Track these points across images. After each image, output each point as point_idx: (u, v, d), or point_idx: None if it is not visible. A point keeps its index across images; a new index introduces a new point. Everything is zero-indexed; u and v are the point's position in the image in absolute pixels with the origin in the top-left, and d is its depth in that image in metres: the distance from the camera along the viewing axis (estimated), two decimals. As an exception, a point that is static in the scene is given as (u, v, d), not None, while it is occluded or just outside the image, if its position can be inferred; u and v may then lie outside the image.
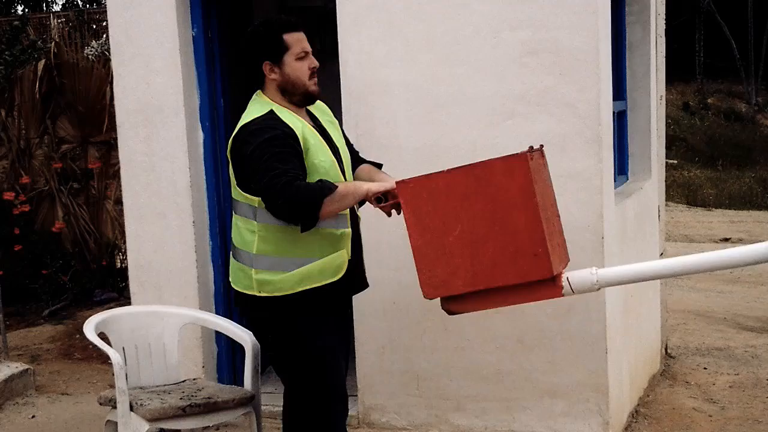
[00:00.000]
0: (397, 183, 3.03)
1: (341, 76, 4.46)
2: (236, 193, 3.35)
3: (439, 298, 3.03)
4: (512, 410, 4.35)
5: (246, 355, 3.94)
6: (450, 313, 3.04)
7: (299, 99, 3.39)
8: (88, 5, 21.83)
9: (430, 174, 2.98)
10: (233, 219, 3.41)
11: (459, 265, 2.91)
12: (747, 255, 2.73)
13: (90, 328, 3.91)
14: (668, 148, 9.94)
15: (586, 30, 4.07)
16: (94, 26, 11.88)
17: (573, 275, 2.91)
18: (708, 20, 28.19)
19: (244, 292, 3.36)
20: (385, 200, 3.22)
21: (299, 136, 3.25)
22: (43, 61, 7.65)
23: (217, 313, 4.80)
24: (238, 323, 4.22)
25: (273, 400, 4.71)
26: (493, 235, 2.86)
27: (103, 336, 3.95)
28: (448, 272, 2.93)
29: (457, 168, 2.94)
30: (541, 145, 2.90)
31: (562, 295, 2.92)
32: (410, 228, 2.97)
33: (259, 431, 3.89)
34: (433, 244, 2.93)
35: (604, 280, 2.92)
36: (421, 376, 4.48)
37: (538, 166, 2.91)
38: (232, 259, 3.43)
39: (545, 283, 2.89)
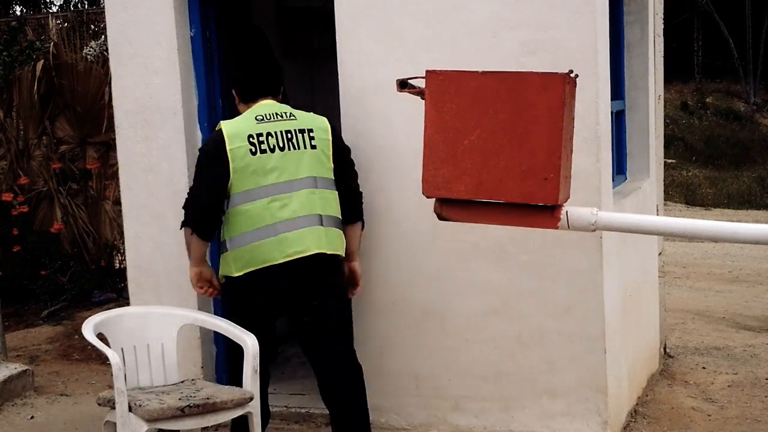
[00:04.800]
0: (426, 71, 2.99)
1: (339, 77, 4.46)
2: (329, 170, 4.10)
3: (434, 201, 2.99)
4: (511, 410, 4.35)
5: (245, 355, 3.94)
6: (440, 217, 3.00)
7: None
8: (86, 5, 21.82)
9: (463, 71, 2.94)
10: (320, 194, 4.05)
11: (466, 171, 2.86)
12: (748, 233, 2.72)
13: (89, 329, 3.91)
14: (667, 147, 9.96)
15: (584, 30, 4.07)
16: (93, 27, 11.87)
17: (573, 210, 2.88)
18: (706, 20, 28.20)
19: (342, 254, 4.13)
20: (411, 87, 3.18)
21: None
22: (41, 61, 7.64)
23: (215, 313, 4.79)
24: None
25: (271, 401, 4.71)
26: (509, 149, 2.82)
27: (101, 337, 3.96)
28: (453, 175, 2.88)
29: (491, 72, 2.89)
30: (577, 75, 2.88)
31: (557, 227, 2.89)
32: (428, 121, 2.91)
33: (258, 432, 3.90)
34: (446, 142, 2.88)
35: (602, 223, 2.89)
36: (420, 376, 4.48)
37: (571, 94, 2.87)
38: (335, 230, 4.08)
39: (545, 211, 2.86)
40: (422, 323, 4.44)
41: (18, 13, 23.01)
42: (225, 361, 4.58)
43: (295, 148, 4.02)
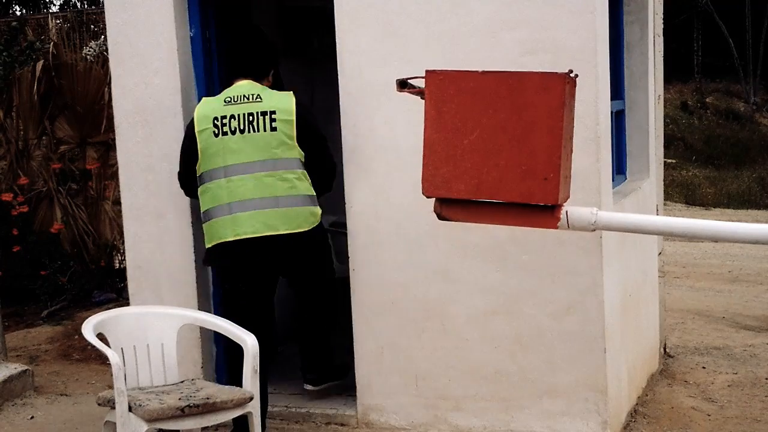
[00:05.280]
0: (426, 71, 2.99)
1: (339, 77, 4.46)
2: (291, 150, 4.28)
3: (434, 201, 2.99)
4: (511, 410, 4.35)
5: (245, 355, 3.94)
6: (440, 217, 3.00)
7: None
8: (86, 5, 21.82)
9: (462, 71, 2.94)
10: (279, 176, 4.27)
11: (466, 171, 2.86)
12: (748, 233, 2.72)
13: (88, 329, 3.91)
14: (666, 147, 9.95)
15: (584, 30, 4.07)
16: (93, 27, 11.87)
17: (572, 210, 2.88)
18: (706, 20, 28.20)
19: (309, 228, 4.33)
20: (411, 87, 3.18)
21: None
22: (41, 61, 7.63)
23: (215, 313, 4.80)
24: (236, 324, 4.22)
25: (271, 401, 4.71)
26: (509, 149, 2.82)
27: (101, 337, 3.96)
28: (453, 174, 2.89)
29: (491, 71, 2.89)
30: (576, 75, 2.89)
31: (557, 227, 2.89)
32: (428, 120, 2.91)
33: (258, 432, 3.90)
34: (446, 142, 2.89)
35: (602, 222, 2.89)
36: (420, 376, 4.48)
37: (571, 94, 2.87)
38: (295, 209, 4.29)
39: (545, 211, 2.86)
40: (422, 323, 4.44)
41: (18, 13, 23.00)
42: (225, 360, 4.59)
43: (255, 131, 4.28)
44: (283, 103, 4.31)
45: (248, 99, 4.32)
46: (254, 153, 4.28)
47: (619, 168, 5.23)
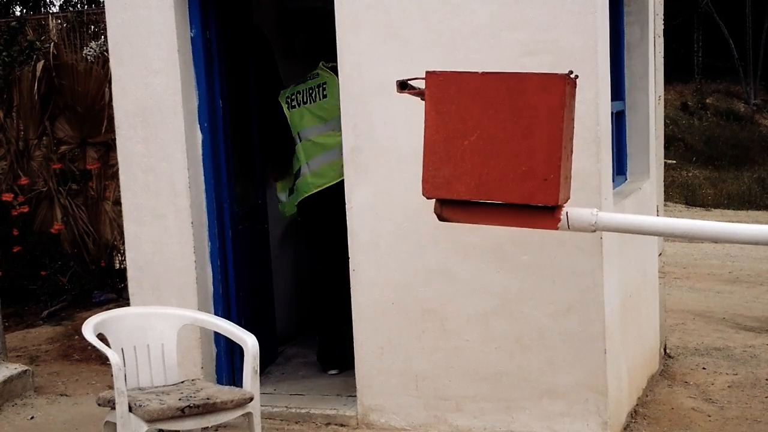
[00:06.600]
0: (426, 73, 2.98)
1: (339, 77, 4.47)
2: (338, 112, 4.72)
3: (435, 203, 2.99)
4: (511, 411, 4.35)
5: (245, 356, 3.94)
6: (441, 218, 3.00)
7: None
8: (86, 5, 21.82)
9: (463, 71, 2.93)
10: (336, 132, 4.97)
11: (466, 171, 2.86)
12: (748, 234, 2.73)
13: (89, 329, 3.91)
14: (667, 148, 9.95)
15: (584, 30, 4.07)
16: (93, 27, 11.85)
17: (573, 211, 2.87)
18: (706, 20, 28.18)
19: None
20: (411, 88, 3.18)
21: None
22: (41, 62, 7.64)
23: (215, 313, 4.80)
24: (237, 324, 4.23)
25: (272, 401, 4.72)
26: (509, 149, 2.82)
27: (101, 337, 3.96)
28: (453, 175, 2.88)
29: (491, 72, 2.88)
30: (576, 76, 2.88)
31: (557, 228, 2.88)
32: (428, 121, 2.91)
33: (258, 432, 3.90)
34: (446, 142, 2.88)
35: (602, 223, 2.89)
36: (420, 377, 4.48)
37: (571, 94, 2.86)
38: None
39: (545, 212, 2.85)
40: (422, 323, 4.44)
41: (18, 13, 23.00)
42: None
43: (313, 101, 5.30)
44: (327, 75, 5.27)
45: (311, 77, 5.35)
46: (317, 119, 5.27)
47: (620, 169, 5.23)
